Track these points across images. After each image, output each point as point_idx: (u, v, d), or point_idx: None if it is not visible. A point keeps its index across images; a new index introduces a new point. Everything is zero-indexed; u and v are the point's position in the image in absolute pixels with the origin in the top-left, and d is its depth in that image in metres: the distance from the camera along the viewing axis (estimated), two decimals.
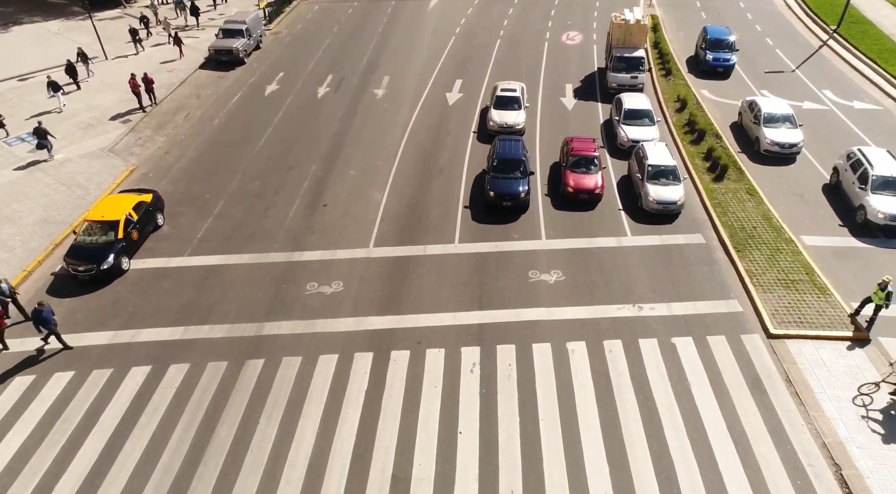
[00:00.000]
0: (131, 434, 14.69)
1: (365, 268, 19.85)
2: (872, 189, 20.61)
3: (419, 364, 16.39)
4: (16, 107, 29.14)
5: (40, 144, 25.13)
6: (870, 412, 14.68)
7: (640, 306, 18.09)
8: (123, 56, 34.47)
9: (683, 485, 13.30)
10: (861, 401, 14.92)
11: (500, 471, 13.69)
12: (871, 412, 14.69)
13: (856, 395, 15.13)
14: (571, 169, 22.76)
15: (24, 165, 24.94)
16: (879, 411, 14.75)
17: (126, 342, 17.12)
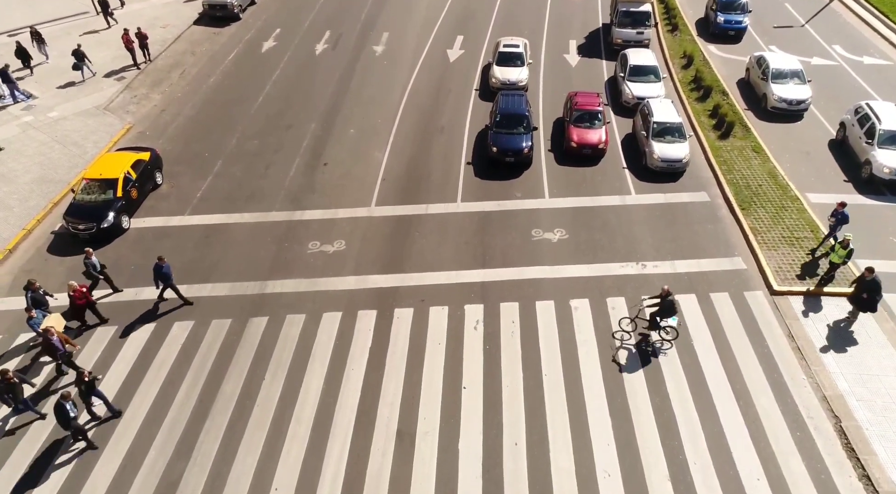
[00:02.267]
0: (137, 390, 14.81)
1: (367, 227, 19.71)
2: (879, 144, 20.34)
3: (423, 322, 16.43)
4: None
5: (76, 65, 26.69)
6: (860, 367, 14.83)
7: (643, 264, 18.05)
8: (116, 9, 33.45)
9: (685, 437, 13.50)
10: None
11: (503, 425, 13.87)
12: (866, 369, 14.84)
13: (616, 331, 15.69)
14: (575, 124, 22.39)
15: (18, 123, 24.47)
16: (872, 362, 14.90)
17: (129, 300, 17.11)
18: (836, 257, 16.21)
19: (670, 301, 14.85)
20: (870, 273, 15.20)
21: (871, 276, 15.16)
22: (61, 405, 12.57)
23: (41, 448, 13.59)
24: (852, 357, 15.11)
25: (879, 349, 15.26)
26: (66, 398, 12.59)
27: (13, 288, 17.55)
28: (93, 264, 16.56)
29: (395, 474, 12.98)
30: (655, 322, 15.17)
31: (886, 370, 14.75)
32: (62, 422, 12.83)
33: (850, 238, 16.18)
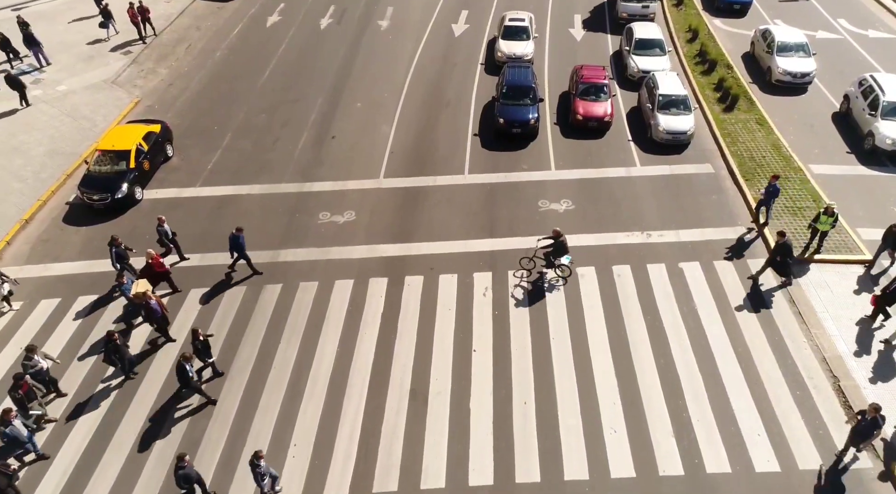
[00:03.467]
0: (156, 354, 15.24)
1: (376, 198, 20.02)
2: (882, 115, 20.55)
3: (433, 289, 16.82)
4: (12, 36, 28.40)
5: (103, 23, 27.95)
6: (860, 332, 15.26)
7: (648, 233, 18.39)
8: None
9: (688, 396, 13.97)
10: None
11: (513, 384, 14.34)
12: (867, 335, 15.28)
13: (517, 270, 16.74)
14: (581, 97, 22.58)
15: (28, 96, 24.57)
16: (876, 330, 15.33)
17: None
18: (824, 226, 16.53)
19: (562, 242, 15.98)
20: (781, 237, 15.73)
21: (782, 240, 15.68)
22: (182, 365, 12.97)
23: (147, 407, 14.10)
24: (851, 321, 15.53)
25: None
26: (186, 359, 13.03)
27: (31, 257, 17.93)
28: (165, 231, 16.81)
29: (409, 430, 13.47)
30: (550, 261, 16.29)
31: (883, 334, 15.17)
32: (182, 381, 13.24)
33: (835, 206, 16.55)
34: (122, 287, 15.22)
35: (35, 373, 13.33)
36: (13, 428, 12.09)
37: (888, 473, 12.37)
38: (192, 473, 11.44)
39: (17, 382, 12.66)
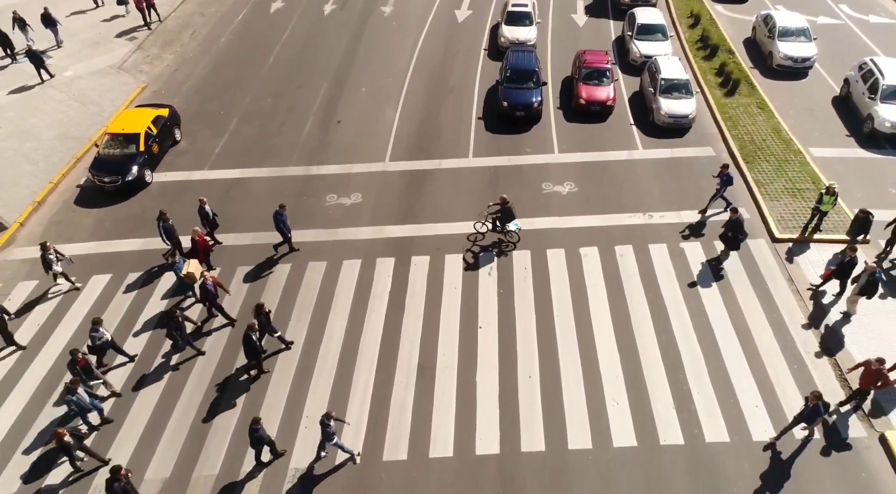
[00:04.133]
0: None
1: (382, 181, 20.32)
2: (882, 98, 20.81)
3: (439, 268, 17.17)
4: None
5: (121, 0, 29.26)
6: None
7: (650, 215, 18.71)
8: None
9: (689, 370, 14.36)
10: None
11: (518, 359, 14.72)
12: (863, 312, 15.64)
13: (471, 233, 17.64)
14: (584, 81, 22.82)
15: (34, 81, 24.86)
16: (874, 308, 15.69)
17: (157, 248, 17.80)
18: (826, 206, 16.84)
19: (508, 208, 16.82)
20: (734, 213, 16.17)
21: (735, 216, 16.08)
22: (249, 336, 13.35)
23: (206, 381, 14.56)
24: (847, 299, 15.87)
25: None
26: (252, 329, 13.39)
27: (44, 237, 18.16)
28: (207, 212, 17.14)
29: (418, 404, 13.86)
30: (497, 227, 17.17)
31: (877, 309, 15.54)
32: (249, 352, 13.63)
33: (835, 185, 16.86)
34: (175, 267, 15.47)
35: (102, 344, 13.83)
36: (79, 396, 12.61)
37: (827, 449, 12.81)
38: (264, 435, 12.02)
39: (74, 357, 13.10)
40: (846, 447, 12.86)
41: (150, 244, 17.97)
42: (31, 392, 14.20)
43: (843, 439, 13.00)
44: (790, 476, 12.42)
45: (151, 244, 17.98)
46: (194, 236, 16.06)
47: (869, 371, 12.55)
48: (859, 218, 16.17)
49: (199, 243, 16.09)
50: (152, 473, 12.72)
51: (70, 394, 12.52)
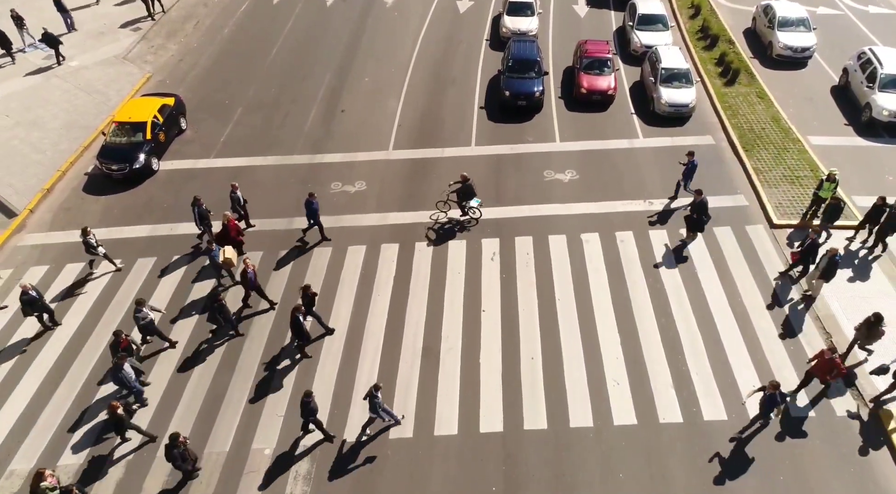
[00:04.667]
0: (181, 313, 15.91)
1: (385, 169, 20.58)
2: (880, 87, 21.04)
3: (442, 254, 17.46)
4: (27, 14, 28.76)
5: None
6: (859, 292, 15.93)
7: (650, 202, 18.99)
8: None
9: (688, 352, 14.67)
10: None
11: (520, 342, 15.03)
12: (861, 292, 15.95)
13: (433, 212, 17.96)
14: (585, 71, 23.04)
15: (40, 71, 25.09)
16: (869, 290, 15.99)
17: (165, 234, 18.11)
18: (826, 192, 17.11)
19: (469, 185, 17.32)
20: (698, 195, 16.60)
21: (699, 198, 16.55)
22: (296, 317, 13.67)
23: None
24: (844, 283, 16.18)
25: (871, 275, 16.32)
26: (299, 311, 13.71)
27: (54, 224, 18.57)
28: (238, 198, 17.37)
29: (423, 383, 14.19)
30: (460, 204, 17.68)
31: (874, 294, 15.85)
32: (296, 332, 13.98)
33: (836, 172, 17.12)
34: (212, 253, 15.76)
35: (145, 325, 14.15)
36: (124, 373, 13.01)
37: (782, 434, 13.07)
38: (314, 407, 12.33)
39: (117, 338, 13.47)
40: (841, 423, 13.19)
41: (157, 231, 18.27)
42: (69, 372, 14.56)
43: (837, 415, 13.32)
44: (787, 452, 12.75)
45: (159, 231, 18.29)
46: (225, 221, 16.33)
47: (822, 361, 12.63)
48: (831, 205, 16.48)
49: (230, 228, 16.35)
50: (210, 447, 13.10)
51: (117, 370, 12.90)
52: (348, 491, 12.35)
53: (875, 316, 13.47)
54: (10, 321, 15.71)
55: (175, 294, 16.37)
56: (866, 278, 16.33)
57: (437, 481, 12.46)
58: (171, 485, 12.45)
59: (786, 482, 12.30)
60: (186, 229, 18.13)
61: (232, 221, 16.44)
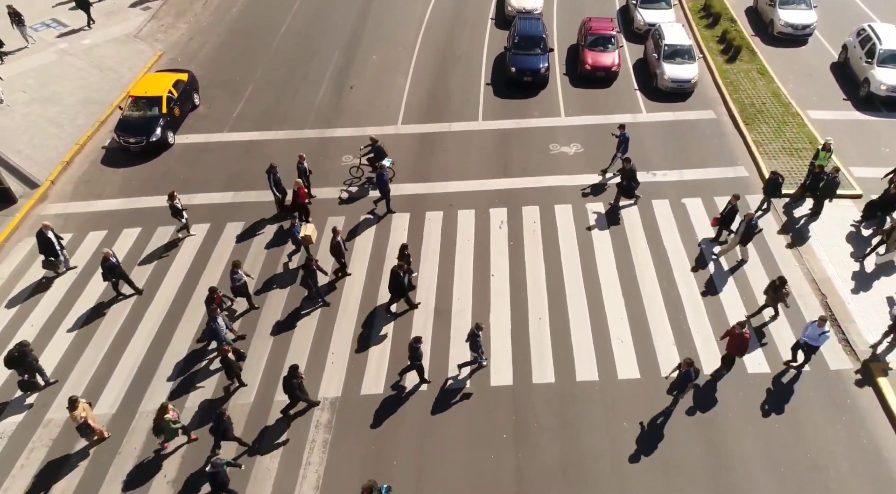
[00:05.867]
0: (200, 280, 16.50)
1: (395, 143, 21.09)
2: (878, 62, 21.53)
3: (452, 222, 18.05)
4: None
5: None
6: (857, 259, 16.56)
7: (653, 173, 19.54)
8: None
9: (689, 312, 15.31)
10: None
11: (528, 304, 15.67)
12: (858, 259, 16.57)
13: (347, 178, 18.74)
14: (589, 48, 23.50)
15: (54, 50, 25.52)
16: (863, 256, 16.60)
17: (183, 204, 18.64)
18: (822, 161, 17.65)
19: (379, 147, 18.19)
20: (628, 163, 17.39)
21: (629, 165, 17.34)
22: (397, 274, 14.47)
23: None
24: (839, 248, 16.79)
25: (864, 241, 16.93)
26: (401, 268, 14.49)
27: (75, 195, 19.15)
28: (304, 168, 18.00)
29: (435, 341, 14.84)
30: (374, 166, 18.38)
31: (868, 259, 16.46)
32: (397, 289, 14.78)
33: (831, 141, 17.69)
34: (293, 229, 16.31)
35: (239, 286, 14.88)
36: (216, 325, 13.77)
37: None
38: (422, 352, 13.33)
39: (211, 294, 14.16)
40: (832, 376, 13.87)
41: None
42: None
43: (829, 370, 14.00)
44: (780, 402, 13.43)
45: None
46: (296, 188, 17.04)
47: (734, 336, 13.01)
48: (771, 179, 17.00)
49: (300, 196, 17.08)
50: (323, 393, 13.83)
51: (212, 322, 13.71)
52: (366, 437, 13.03)
53: (779, 279, 14.11)
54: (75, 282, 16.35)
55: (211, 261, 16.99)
56: (859, 244, 16.92)
57: (451, 429, 13.14)
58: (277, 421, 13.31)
59: (781, 429, 12.99)
60: (203, 199, 18.71)
61: (302, 189, 17.16)
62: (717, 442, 12.82)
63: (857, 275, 16.06)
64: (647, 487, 12.15)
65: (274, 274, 16.63)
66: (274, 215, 18.31)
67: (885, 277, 15.97)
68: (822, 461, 12.47)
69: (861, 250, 16.60)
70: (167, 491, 12.29)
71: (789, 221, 17.76)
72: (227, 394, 13.90)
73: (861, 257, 16.30)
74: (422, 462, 12.62)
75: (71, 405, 12.03)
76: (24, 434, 13.26)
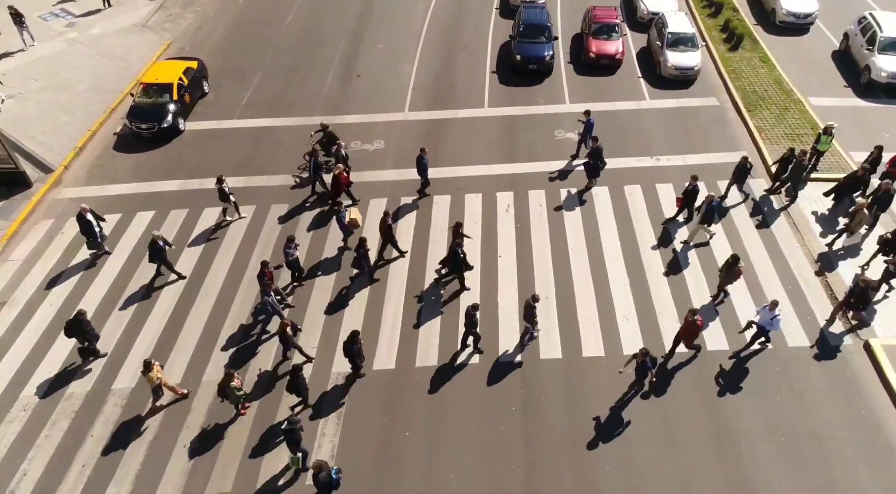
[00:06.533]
0: (214, 261, 16.84)
1: (402, 129, 21.44)
2: (879, 50, 21.82)
3: (459, 205, 18.38)
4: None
5: None
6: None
7: (657, 158, 19.86)
8: None
9: (692, 290, 15.67)
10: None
11: (535, 283, 16.01)
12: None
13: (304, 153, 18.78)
14: (594, 36, 23.79)
15: (63, 39, 25.80)
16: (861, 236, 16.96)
17: (195, 188, 19.02)
18: (824, 145, 17.98)
19: (330, 132, 18.76)
20: (595, 142, 17.97)
21: (596, 144, 17.87)
22: (456, 251, 14.95)
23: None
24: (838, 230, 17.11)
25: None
26: (459, 245, 15.04)
27: (89, 179, 19.50)
28: (342, 155, 18.36)
29: (445, 319, 15.19)
30: (326, 150, 18.89)
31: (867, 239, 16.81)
32: (455, 266, 15.30)
33: (833, 125, 17.99)
34: (339, 215, 16.60)
35: (292, 261, 15.32)
36: (270, 298, 14.32)
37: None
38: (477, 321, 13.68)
39: (263, 268, 14.45)
40: (834, 352, 14.22)
41: (188, 185, 19.18)
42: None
43: (831, 346, 14.35)
44: (784, 376, 13.79)
45: (189, 185, 19.19)
46: (337, 172, 17.39)
47: (686, 324, 13.21)
48: (741, 164, 17.29)
49: (342, 180, 17.44)
50: (379, 365, 14.25)
51: (266, 296, 14.25)
52: (380, 409, 13.40)
53: (732, 257, 14.42)
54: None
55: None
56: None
57: (461, 403, 13.51)
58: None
59: (782, 401, 13.35)
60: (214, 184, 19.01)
61: (343, 173, 17.49)
62: (719, 415, 13.19)
63: (856, 254, 16.39)
64: (652, 457, 12.52)
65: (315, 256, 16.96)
66: (286, 199, 18.64)
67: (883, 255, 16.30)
68: (822, 430, 12.84)
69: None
70: (234, 455, 12.70)
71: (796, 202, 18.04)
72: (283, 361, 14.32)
73: (830, 242, 16.61)
74: (433, 435, 12.98)
75: (145, 368, 12.56)
76: (93, 401, 13.66)
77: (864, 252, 16.49)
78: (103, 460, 12.59)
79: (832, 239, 16.63)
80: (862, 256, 16.40)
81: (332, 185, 17.70)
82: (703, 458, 12.48)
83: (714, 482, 12.11)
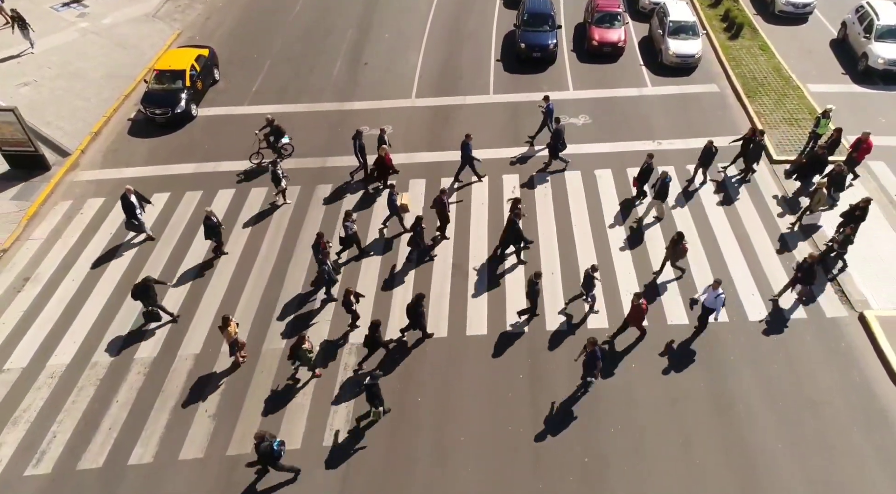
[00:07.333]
0: (228, 240, 17.37)
1: (410, 115, 21.93)
2: (876, 37, 22.31)
3: (466, 189, 18.88)
4: None
5: None
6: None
7: (659, 142, 20.37)
8: None
9: (693, 266, 16.18)
10: None
11: (541, 260, 16.53)
12: None
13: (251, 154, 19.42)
14: (596, 24, 24.28)
15: (75, 29, 26.29)
16: None
17: (209, 171, 19.53)
18: (823, 129, 18.47)
19: (277, 126, 19.07)
20: (557, 123, 18.56)
21: (558, 125, 18.49)
22: (514, 222, 15.65)
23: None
24: (839, 209, 17.59)
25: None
26: (518, 216, 15.67)
27: (105, 163, 20.00)
28: (383, 140, 18.73)
29: (454, 292, 15.73)
30: (273, 145, 19.31)
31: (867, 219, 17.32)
32: (515, 237, 15.94)
33: (831, 108, 18.50)
34: (391, 198, 16.91)
35: (350, 235, 15.94)
36: (328, 266, 15.18)
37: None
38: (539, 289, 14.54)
39: (318, 240, 15.05)
40: (829, 323, 14.76)
41: (202, 168, 19.68)
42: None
43: (826, 317, 14.89)
44: (781, 347, 14.33)
45: (203, 168, 19.69)
46: (382, 153, 17.93)
47: (632, 308, 13.60)
48: (707, 148, 17.75)
49: (386, 161, 17.95)
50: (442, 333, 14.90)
51: (323, 265, 15.06)
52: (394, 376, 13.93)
53: (677, 234, 14.97)
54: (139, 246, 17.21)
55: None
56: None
57: (471, 371, 14.04)
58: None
59: (779, 369, 13.89)
60: (229, 166, 19.57)
61: (387, 154, 18.04)
62: (719, 381, 13.72)
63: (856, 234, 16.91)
64: (655, 420, 13.05)
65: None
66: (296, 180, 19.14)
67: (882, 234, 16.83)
68: (818, 397, 13.37)
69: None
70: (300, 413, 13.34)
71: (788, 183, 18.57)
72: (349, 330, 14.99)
73: (795, 222, 17.08)
74: (443, 401, 13.51)
75: (224, 323, 13.24)
76: (117, 370, 14.22)
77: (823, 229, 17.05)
78: (128, 423, 13.13)
79: (795, 219, 17.16)
80: (821, 233, 16.92)
81: (376, 165, 18.18)
82: (705, 421, 13.01)
83: (713, 443, 12.64)
